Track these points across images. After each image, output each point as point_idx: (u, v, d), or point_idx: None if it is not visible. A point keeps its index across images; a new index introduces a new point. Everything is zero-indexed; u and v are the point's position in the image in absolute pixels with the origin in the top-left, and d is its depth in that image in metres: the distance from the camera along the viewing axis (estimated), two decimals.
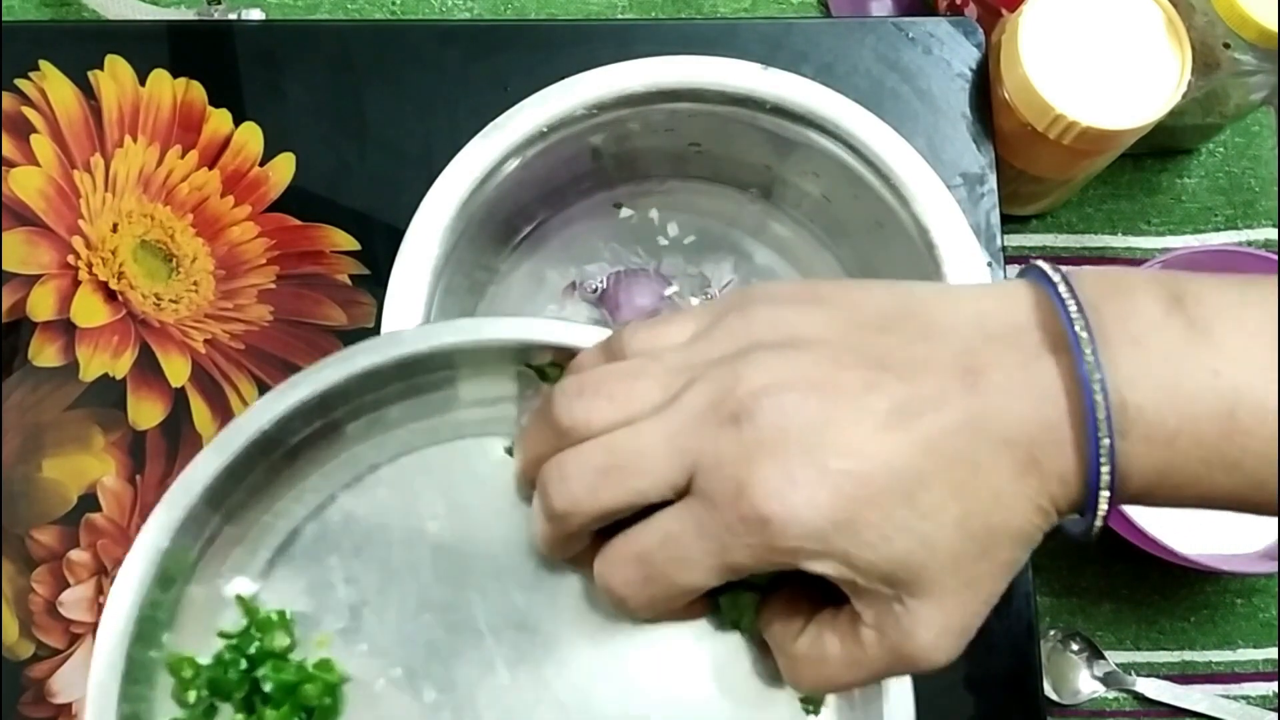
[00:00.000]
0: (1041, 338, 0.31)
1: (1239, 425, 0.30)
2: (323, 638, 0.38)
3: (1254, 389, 0.30)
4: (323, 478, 0.39)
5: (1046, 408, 0.30)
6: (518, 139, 0.51)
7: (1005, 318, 0.32)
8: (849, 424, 0.30)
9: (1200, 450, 0.31)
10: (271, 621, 0.38)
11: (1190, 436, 0.30)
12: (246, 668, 0.37)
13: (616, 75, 0.52)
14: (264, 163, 0.58)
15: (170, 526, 0.37)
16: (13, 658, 0.53)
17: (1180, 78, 0.55)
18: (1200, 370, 0.30)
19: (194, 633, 0.38)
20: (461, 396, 0.40)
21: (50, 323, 0.56)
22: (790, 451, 0.30)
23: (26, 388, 0.55)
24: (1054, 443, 0.31)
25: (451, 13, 0.68)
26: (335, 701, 0.38)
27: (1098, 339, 0.30)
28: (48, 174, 0.57)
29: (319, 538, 0.39)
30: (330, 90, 0.58)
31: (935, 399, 0.30)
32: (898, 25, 0.59)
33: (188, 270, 0.57)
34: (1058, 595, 0.64)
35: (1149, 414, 0.30)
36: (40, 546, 0.54)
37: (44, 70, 0.58)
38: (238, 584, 0.39)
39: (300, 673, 0.37)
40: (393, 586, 0.39)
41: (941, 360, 0.31)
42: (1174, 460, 0.31)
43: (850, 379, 0.31)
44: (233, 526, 0.38)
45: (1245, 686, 0.63)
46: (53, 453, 0.55)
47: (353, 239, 0.57)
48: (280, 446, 0.38)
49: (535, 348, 0.38)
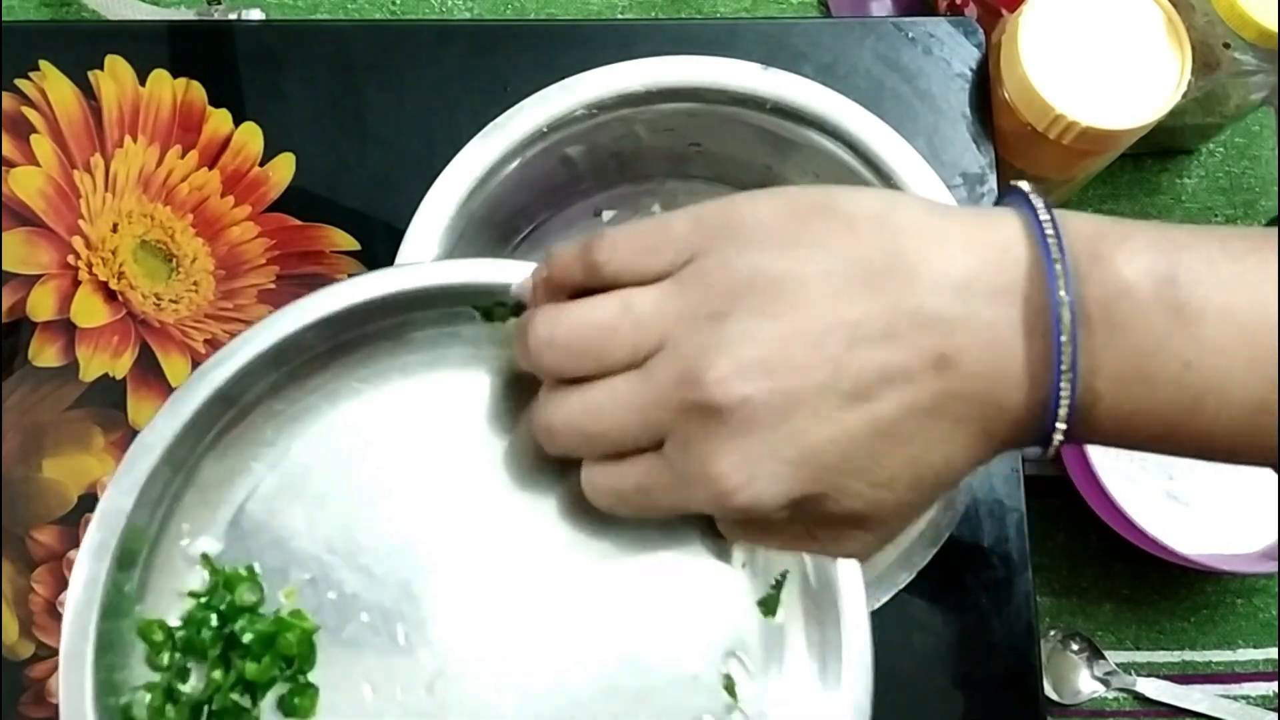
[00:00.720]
0: (1024, 314, 0.31)
1: (1203, 413, 0.31)
2: (290, 589, 0.38)
3: (1215, 389, 0.31)
4: (278, 430, 0.39)
5: (1010, 392, 0.31)
6: (518, 139, 0.51)
7: (993, 282, 0.31)
8: (811, 408, 0.31)
9: (1156, 428, 0.32)
10: (240, 576, 0.38)
11: (1147, 417, 0.31)
12: (218, 625, 0.38)
13: (616, 75, 0.52)
14: (264, 163, 0.58)
15: (132, 489, 0.37)
16: (13, 658, 0.53)
17: (1180, 78, 0.55)
18: (1173, 362, 0.30)
19: (163, 595, 0.38)
20: (411, 339, 0.40)
21: (50, 323, 0.56)
22: (753, 432, 0.31)
23: (26, 388, 0.55)
24: (1009, 423, 0.32)
25: (451, 13, 0.68)
26: (312, 650, 0.38)
27: (1079, 325, 0.30)
28: (48, 174, 0.57)
29: (279, 490, 0.39)
30: (330, 90, 0.58)
31: (901, 379, 0.31)
32: (898, 25, 0.59)
33: (188, 270, 0.57)
34: (1058, 595, 0.64)
35: (1109, 399, 0.31)
36: (40, 546, 0.54)
37: (44, 70, 0.58)
38: (202, 543, 0.39)
39: (277, 623, 0.38)
40: (354, 532, 0.39)
41: (915, 335, 0.31)
42: (1127, 432, 0.32)
43: (818, 360, 0.31)
44: (192, 487, 0.38)
45: (1245, 686, 0.63)
46: (53, 453, 0.55)
47: (353, 239, 0.57)
48: (236, 402, 0.38)
49: (479, 290, 0.39)
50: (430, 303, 0.39)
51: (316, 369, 0.39)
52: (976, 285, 0.31)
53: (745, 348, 0.31)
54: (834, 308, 0.31)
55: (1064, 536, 0.64)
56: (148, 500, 0.37)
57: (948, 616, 0.54)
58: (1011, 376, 0.31)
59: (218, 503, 0.39)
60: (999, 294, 0.31)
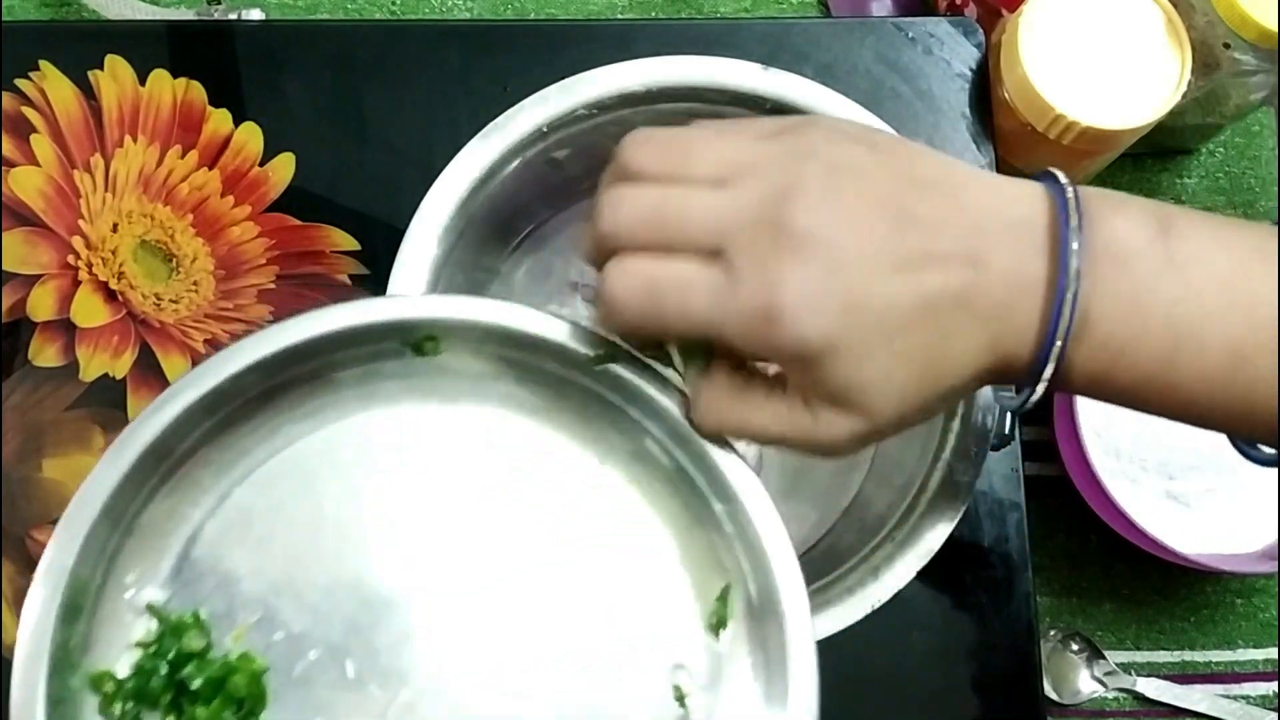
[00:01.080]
0: (1043, 239, 0.34)
1: (1181, 357, 0.34)
2: (238, 632, 0.38)
3: (1197, 329, 0.34)
4: (216, 477, 0.40)
5: (1024, 301, 0.34)
6: (518, 139, 0.51)
7: (1022, 211, 0.35)
8: (870, 257, 0.34)
9: (1139, 370, 0.34)
10: (185, 624, 0.38)
11: (1133, 356, 0.34)
12: (168, 672, 0.38)
13: (616, 75, 0.52)
14: (264, 163, 0.58)
15: (73, 543, 0.37)
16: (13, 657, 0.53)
17: (1180, 78, 0.55)
18: (1161, 300, 0.34)
19: (111, 646, 0.38)
20: (339, 379, 0.40)
21: (50, 323, 0.56)
22: (817, 266, 0.33)
23: (26, 388, 0.55)
24: (1016, 332, 0.34)
25: (451, 13, 0.68)
26: (262, 691, 0.38)
27: (1084, 252, 0.33)
28: (48, 174, 0.57)
29: (221, 535, 0.39)
30: (330, 90, 0.58)
31: (942, 263, 0.34)
32: (898, 25, 0.59)
33: (188, 270, 0.57)
34: (1058, 595, 0.64)
35: (1104, 327, 0.34)
36: (40, 546, 0.54)
37: (44, 70, 0.58)
38: (147, 593, 0.39)
39: (225, 667, 0.38)
40: (299, 571, 0.39)
41: (958, 233, 0.34)
42: (1113, 372, 0.34)
43: (882, 218, 0.34)
44: (133, 538, 0.38)
45: (1245, 686, 0.63)
46: (53, 453, 0.55)
47: (353, 239, 0.57)
48: (171, 453, 0.38)
49: (410, 325, 0.39)
50: (359, 341, 0.39)
51: (249, 413, 0.39)
52: (1011, 209, 0.35)
53: (825, 187, 0.34)
54: (893, 195, 0.34)
55: (1064, 536, 0.64)
56: (90, 553, 0.37)
57: (948, 616, 0.54)
58: (1028, 289, 0.34)
59: (161, 551, 0.39)
60: (1026, 220, 0.35)
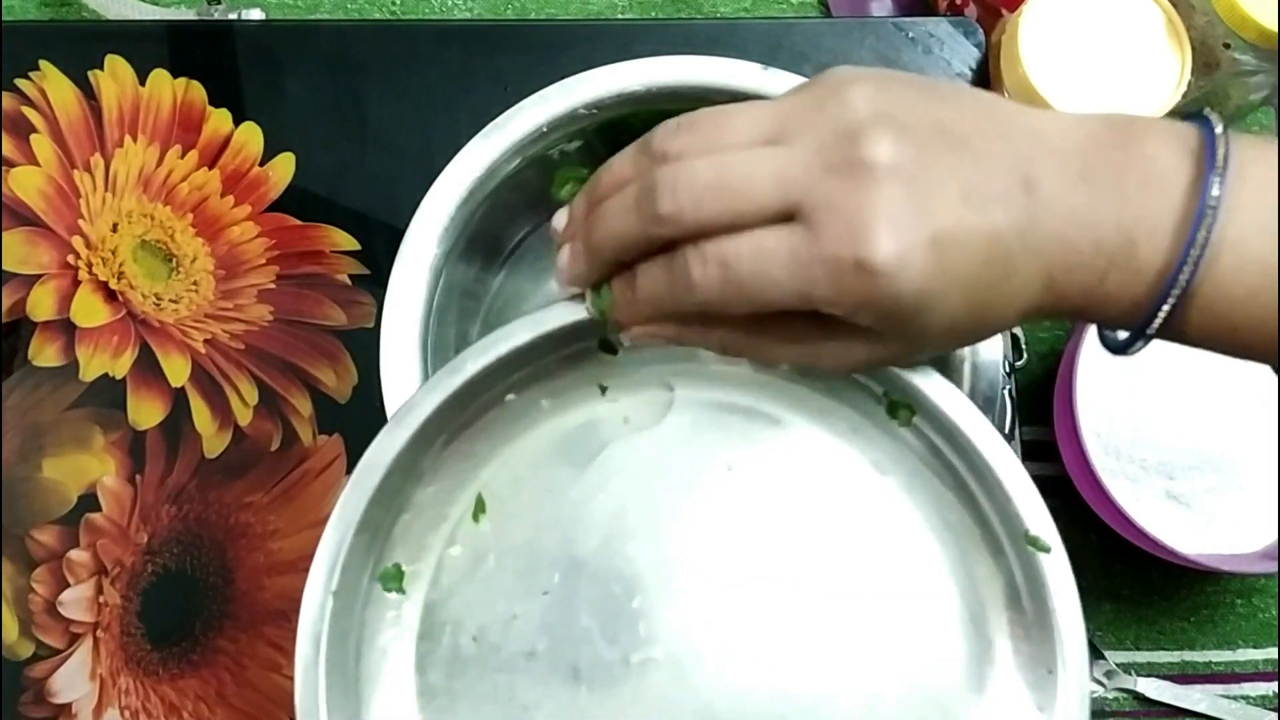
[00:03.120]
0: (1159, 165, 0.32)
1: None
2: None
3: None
4: (472, 468, 0.41)
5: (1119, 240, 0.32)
6: (518, 139, 0.51)
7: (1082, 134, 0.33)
8: (940, 194, 0.32)
9: (1264, 304, 0.32)
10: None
11: (1259, 292, 0.32)
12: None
13: (616, 75, 0.52)
14: (264, 162, 0.58)
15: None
16: (13, 658, 0.53)
17: (1180, 78, 0.55)
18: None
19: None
20: (598, 361, 0.41)
21: (50, 323, 0.56)
22: (902, 210, 0.31)
23: (26, 388, 0.55)
24: (1085, 267, 0.32)
25: (451, 13, 0.68)
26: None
27: (1230, 173, 0.31)
28: (48, 174, 0.57)
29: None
30: (330, 90, 0.58)
31: (1003, 196, 0.32)
32: (898, 25, 0.59)
33: (188, 270, 0.57)
34: None
35: (1236, 256, 0.32)
36: (40, 546, 0.54)
37: (44, 70, 0.58)
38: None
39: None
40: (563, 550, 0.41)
41: (1011, 161, 0.33)
42: (1237, 316, 0.33)
43: (940, 149, 0.32)
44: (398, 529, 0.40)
45: (1245, 686, 0.63)
46: (53, 453, 0.55)
47: (353, 239, 0.57)
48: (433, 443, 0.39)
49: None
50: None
51: (495, 402, 0.41)
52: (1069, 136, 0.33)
53: (884, 129, 0.32)
54: (944, 125, 0.33)
55: (1064, 536, 0.64)
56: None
57: None
58: (1126, 223, 0.32)
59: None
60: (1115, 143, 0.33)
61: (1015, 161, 0.33)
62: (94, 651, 0.53)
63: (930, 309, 0.32)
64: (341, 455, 0.55)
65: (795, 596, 0.40)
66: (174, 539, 0.54)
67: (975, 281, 0.32)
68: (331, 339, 0.56)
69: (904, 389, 0.38)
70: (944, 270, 0.32)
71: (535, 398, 0.41)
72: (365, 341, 0.55)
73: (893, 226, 0.31)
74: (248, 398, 0.56)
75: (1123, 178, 0.33)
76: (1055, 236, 0.32)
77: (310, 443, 0.55)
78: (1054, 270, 0.33)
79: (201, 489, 0.55)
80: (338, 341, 0.56)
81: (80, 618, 0.54)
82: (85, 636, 0.53)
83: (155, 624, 0.54)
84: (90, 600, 0.54)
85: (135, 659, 0.53)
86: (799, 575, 0.40)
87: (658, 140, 0.35)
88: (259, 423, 0.55)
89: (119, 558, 0.54)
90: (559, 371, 0.40)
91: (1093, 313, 0.34)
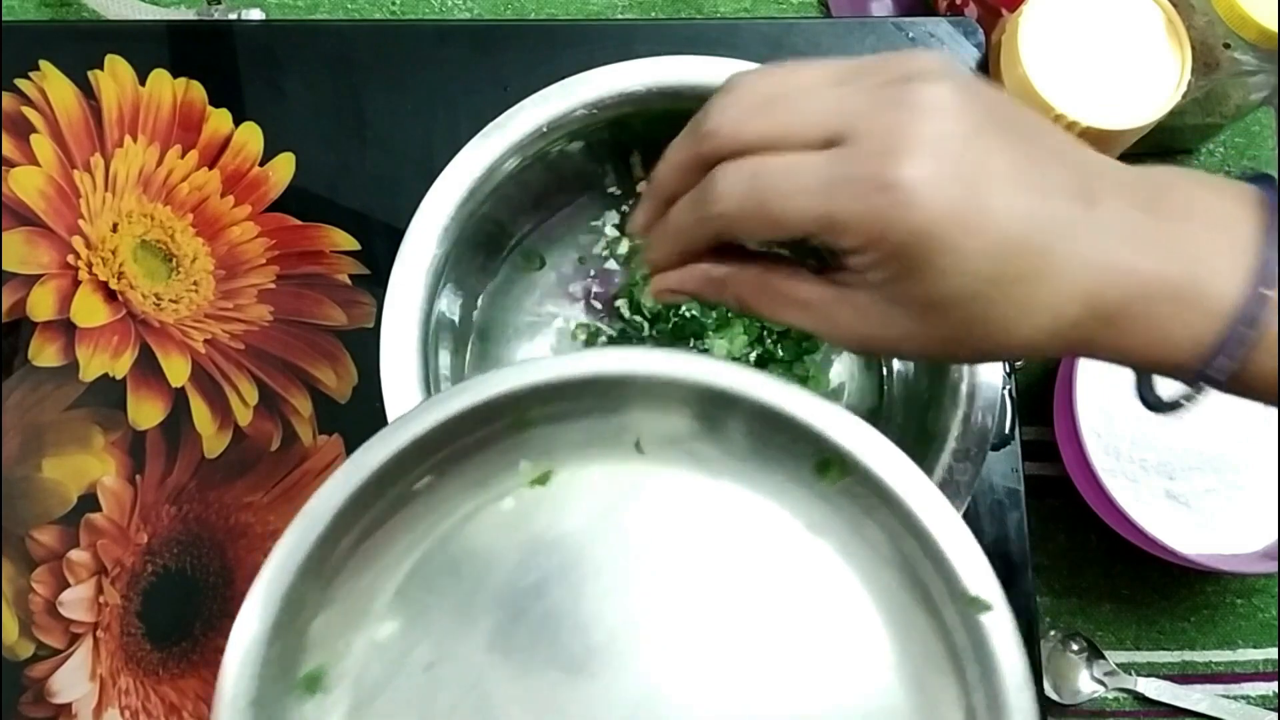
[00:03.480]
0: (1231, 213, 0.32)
1: None
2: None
3: None
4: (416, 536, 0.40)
5: (1171, 266, 0.32)
6: (518, 139, 0.51)
7: (1139, 173, 0.33)
8: (990, 161, 0.31)
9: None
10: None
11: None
12: None
13: (616, 75, 0.52)
14: (264, 163, 0.58)
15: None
16: (13, 658, 0.53)
17: (1180, 78, 0.55)
18: None
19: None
20: (529, 437, 0.40)
21: (50, 323, 0.56)
22: (943, 145, 0.31)
23: (26, 388, 0.55)
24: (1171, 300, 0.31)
25: (451, 13, 0.68)
26: None
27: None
28: (48, 174, 0.57)
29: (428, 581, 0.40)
30: (330, 90, 0.58)
31: (1058, 190, 0.32)
32: (898, 25, 0.59)
33: (188, 270, 0.57)
34: (1058, 595, 0.64)
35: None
36: (40, 546, 0.54)
37: (44, 70, 0.58)
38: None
39: None
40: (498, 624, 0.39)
41: (1074, 168, 0.32)
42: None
43: (1006, 132, 0.32)
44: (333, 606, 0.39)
45: (1245, 686, 0.63)
46: (53, 453, 0.55)
47: (353, 239, 0.57)
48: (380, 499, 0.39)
49: (604, 382, 0.38)
50: (553, 398, 0.38)
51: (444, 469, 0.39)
52: (1123, 170, 0.33)
53: (950, 88, 0.32)
54: (1015, 118, 0.33)
55: (1064, 536, 0.64)
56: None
57: None
58: (1194, 257, 0.32)
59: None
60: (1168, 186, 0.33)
61: (1076, 173, 0.32)
62: (94, 651, 0.53)
63: (945, 259, 0.31)
64: (341, 455, 0.55)
65: (728, 664, 0.38)
66: (174, 539, 0.54)
67: (1002, 261, 0.31)
68: (331, 339, 0.56)
69: (834, 445, 0.37)
70: (970, 221, 0.31)
71: (451, 480, 0.39)
72: (365, 341, 0.55)
73: (931, 153, 0.31)
74: (248, 398, 0.56)
75: (1189, 216, 0.32)
76: (1108, 254, 0.31)
77: (310, 443, 0.55)
78: (1104, 291, 0.32)
79: (201, 489, 0.55)
80: (338, 341, 0.56)
81: (80, 618, 0.54)
82: (85, 636, 0.53)
83: (155, 624, 0.54)
84: (90, 600, 0.54)
85: (135, 659, 0.53)
86: (732, 643, 0.38)
87: (727, 81, 0.35)
88: (259, 423, 0.55)
89: (119, 558, 0.54)
90: (475, 451, 0.39)
91: (1143, 352, 0.33)
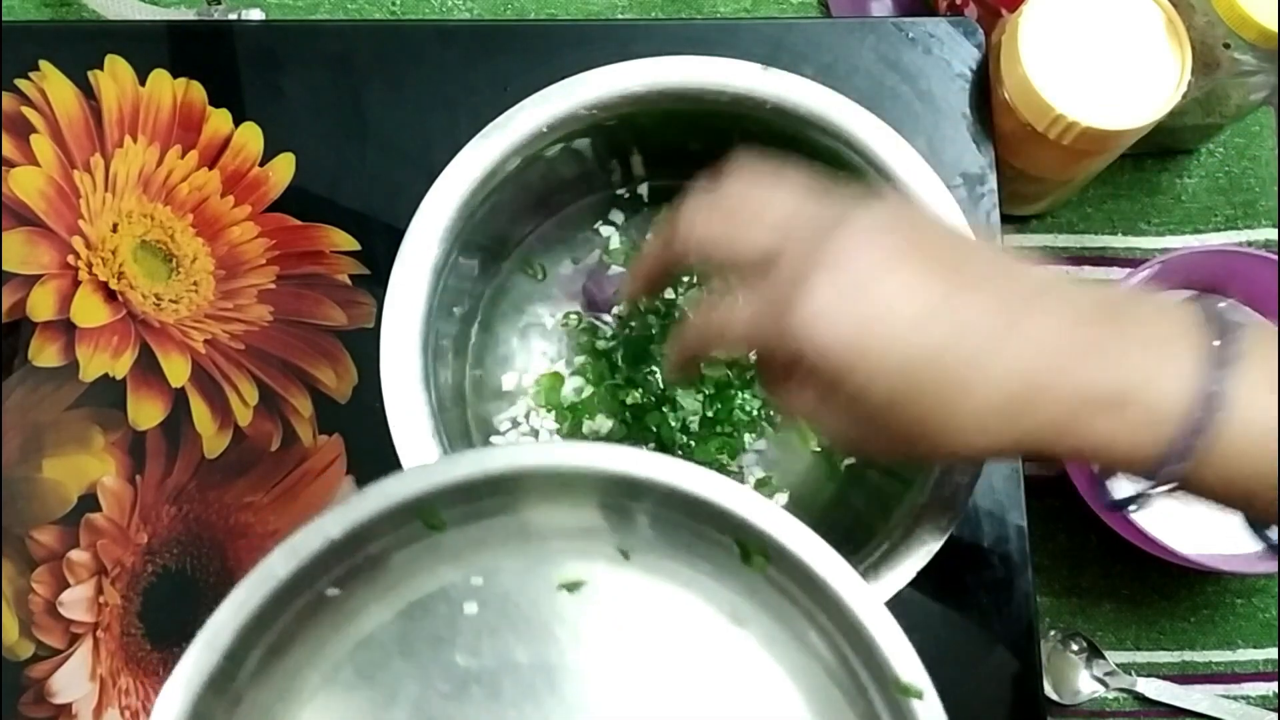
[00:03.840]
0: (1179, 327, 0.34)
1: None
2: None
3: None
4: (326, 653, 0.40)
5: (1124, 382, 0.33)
6: (518, 139, 0.51)
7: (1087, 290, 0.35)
8: (897, 284, 0.34)
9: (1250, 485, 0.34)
10: None
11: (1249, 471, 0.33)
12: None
13: (616, 75, 0.52)
14: (264, 163, 0.58)
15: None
16: (13, 658, 0.53)
17: (1180, 78, 0.55)
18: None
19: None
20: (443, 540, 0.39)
21: (50, 323, 0.56)
22: (847, 273, 0.34)
23: (26, 388, 0.55)
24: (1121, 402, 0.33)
25: (451, 13, 0.68)
26: None
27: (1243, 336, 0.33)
28: (48, 174, 0.57)
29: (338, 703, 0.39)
30: (330, 90, 0.58)
31: (974, 311, 0.34)
32: (898, 25, 0.59)
33: (188, 270, 0.57)
34: (1058, 595, 0.64)
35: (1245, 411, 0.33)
36: (40, 546, 0.54)
37: (44, 70, 0.58)
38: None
39: None
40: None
41: (1003, 293, 0.34)
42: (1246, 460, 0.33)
43: (918, 263, 0.34)
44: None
45: (1245, 686, 0.63)
46: (53, 453, 0.55)
47: (353, 239, 0.57)
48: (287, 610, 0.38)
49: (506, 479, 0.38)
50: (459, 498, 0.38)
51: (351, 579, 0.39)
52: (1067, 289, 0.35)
53: (885, 217, 0.36)
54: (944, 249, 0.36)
55: (1064, 536, 0.64)
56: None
57: (948, 617, 0.54)
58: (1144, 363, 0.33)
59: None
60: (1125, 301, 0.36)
61: (1001, 295, 0.34)
62: (94, 651, 0.53)
63: (855, 376, 0.34)
64: (341, 455, 0.55)
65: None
66: (174, 539, 0.54)
67: (912, 377, 0.34)
68: (331, 339, 0.56)
69: (756, 533, 0.36)
70: (868, 346, 0.34)
71: (361, 588, 0.39)
72: (365, 341, 0.55)
73: (832, 282, 0.34)
74: (248, 398, 0.56)
75: (1135, 326, 0.34)
76: (1033, 364, 0.33)
77: (310, 443, 0.55)
78: (1036, 399, 0.33)
79: (201, 489, 0.55)
80: (338, 341, 0.56)
81: (80, 618, 0.54)
82: (85, 636, 0.53)
83: (155, 624, 0.54)
84: (90, 600, 0.54)
85: (135, 659, 0.53)
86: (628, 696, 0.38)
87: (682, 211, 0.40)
88: (259, 423, 0.55)
89: (119, 558, 0.54)
90: (383, 558, 0.38)
91: (1100, 457, 0.34)
